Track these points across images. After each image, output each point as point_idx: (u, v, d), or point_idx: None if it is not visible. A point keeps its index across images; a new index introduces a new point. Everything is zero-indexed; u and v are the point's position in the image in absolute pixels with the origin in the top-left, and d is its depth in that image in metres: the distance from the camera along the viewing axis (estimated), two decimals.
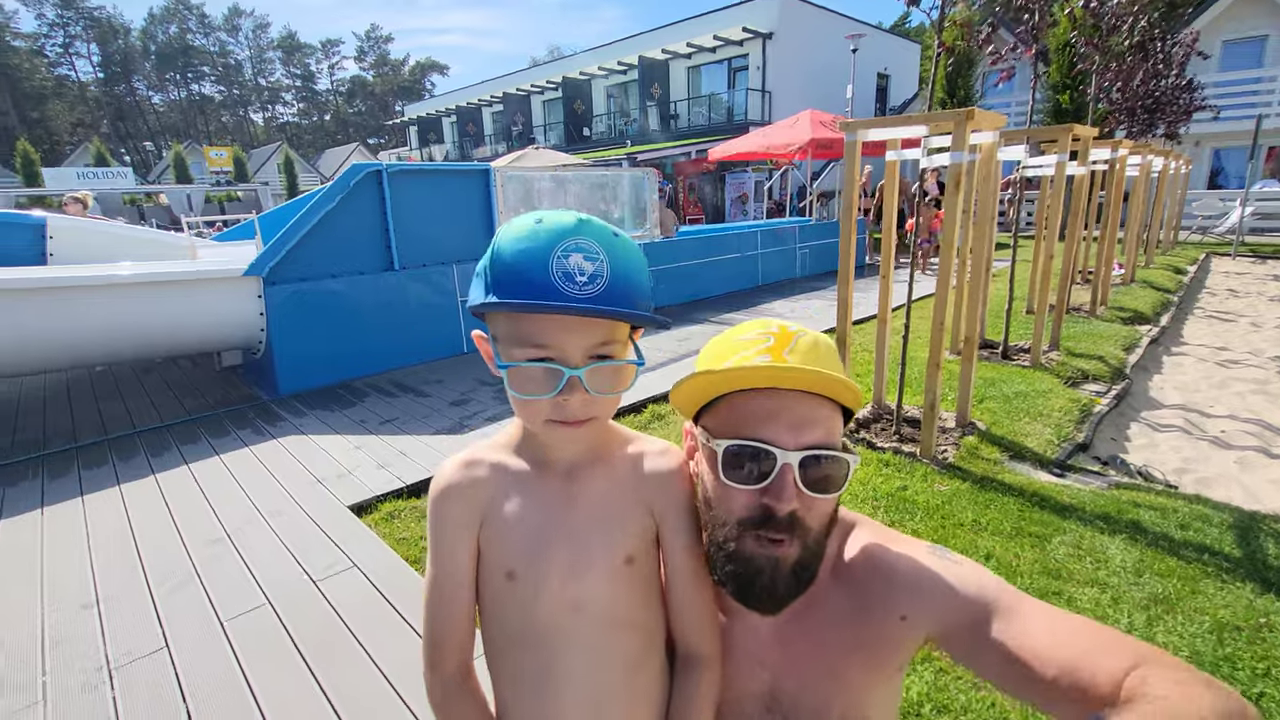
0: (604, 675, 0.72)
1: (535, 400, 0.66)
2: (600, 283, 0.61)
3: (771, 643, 0.75)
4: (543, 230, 0.62)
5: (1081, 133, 4.81)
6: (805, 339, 0.68)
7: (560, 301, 0.60)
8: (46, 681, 1.95)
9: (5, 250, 5.10)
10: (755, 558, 0.66)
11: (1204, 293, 8.92)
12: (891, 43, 23.74)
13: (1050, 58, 14.34)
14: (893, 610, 0.68)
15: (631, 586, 0.73)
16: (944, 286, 3.22)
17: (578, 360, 0.64)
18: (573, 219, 0.63)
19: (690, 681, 0.74)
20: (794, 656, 0.73)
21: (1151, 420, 4.31)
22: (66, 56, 58.72)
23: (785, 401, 0.66)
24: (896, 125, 3.29)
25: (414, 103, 41.96)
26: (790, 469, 0.64)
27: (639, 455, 0.76)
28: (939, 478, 3.11)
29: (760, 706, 0.74)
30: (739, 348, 0.68)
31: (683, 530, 0.74)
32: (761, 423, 0.65)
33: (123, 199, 21.41)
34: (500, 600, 0.74)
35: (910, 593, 0.68)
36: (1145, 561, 2.41)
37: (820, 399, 0.67)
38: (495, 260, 0.62)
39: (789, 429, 0.65)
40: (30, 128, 52.01)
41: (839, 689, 0.70)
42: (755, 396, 0.67)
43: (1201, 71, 13.28)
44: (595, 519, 0.72)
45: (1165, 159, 9.24)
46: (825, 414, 0.67)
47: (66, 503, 3.14)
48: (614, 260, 0.63)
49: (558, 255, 0.60)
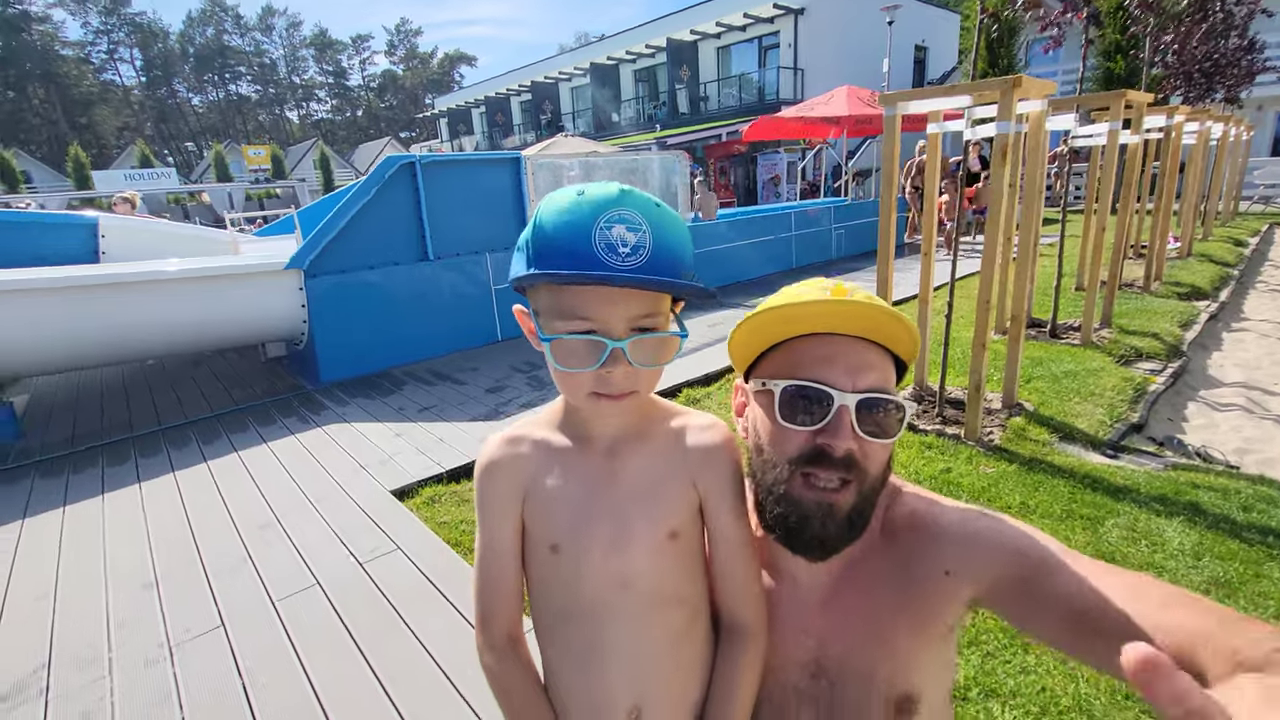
0: (649, 649, 0.72)
1: (578, 373, 0.65)
2: (643, 254, 0.60)
3: (817, 608, 0.74)
4: (585, 201, 0.61)
5: (1135, 99, 4.57)
6: (861, 292, 0.68)
7: (604, 271, 0.59)
8: (113, 658, 2.05)
9: (61, 249, 5.31)
10: (807, 503, 0.66)
11: (1267, 265, 8.46)
12: (929, 13, 22.90)
13: (1103, 21, 13.66)
14: (938, 565, 0.67)
15: (676, 561, 0.72)
16: (989, 264, 3.11)
17: (620, 332, 0.63)
18: (615, 189, 0.62)
19: (734, 652, 0.74)
20: (840, 621, 0.72)
21: (1211, 399, 4.11)
22: (111, 62, 60.81)
23: (842, 347, 0.66)
24: (939, 96, 3.17)
25: (443, 95, 42.30)
26: (847, 410, 0.64)
27: (682, 429, 0.75)
28: (984, 460, 3.02)
29: (805, 674, 0.74)
30: (797, 295, 0.68)
31: (727, 502, 0.73)
32: (819, 366, 0.66)
33: (167, 199, 22.14)
34: (546, 574, 0.74)
35: (955, 546, 0.66)
36: (1205, 544, 2.30)
37: (875, 347, 0.67)
38: (537, 232, 0.62)
39: (846, 372, 0.65)
40: (80, 133, 54.11)
41: (886, 654, 0.69)
42: (812, 342, 0.67)
43: (1266, 30, 12.50)
44: (638, 493, 0.72)
45: (1225, 125, 8.76)
46: (880, 362, 0.67)
47: (125, 489, 3.29)
48: (657, 231, 0.61)
49: (600, 226, 0.59)
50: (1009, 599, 0.62)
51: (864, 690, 0.69)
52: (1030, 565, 0.61)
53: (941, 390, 3.52)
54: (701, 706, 0.75)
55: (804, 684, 0.73)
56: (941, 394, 3.53)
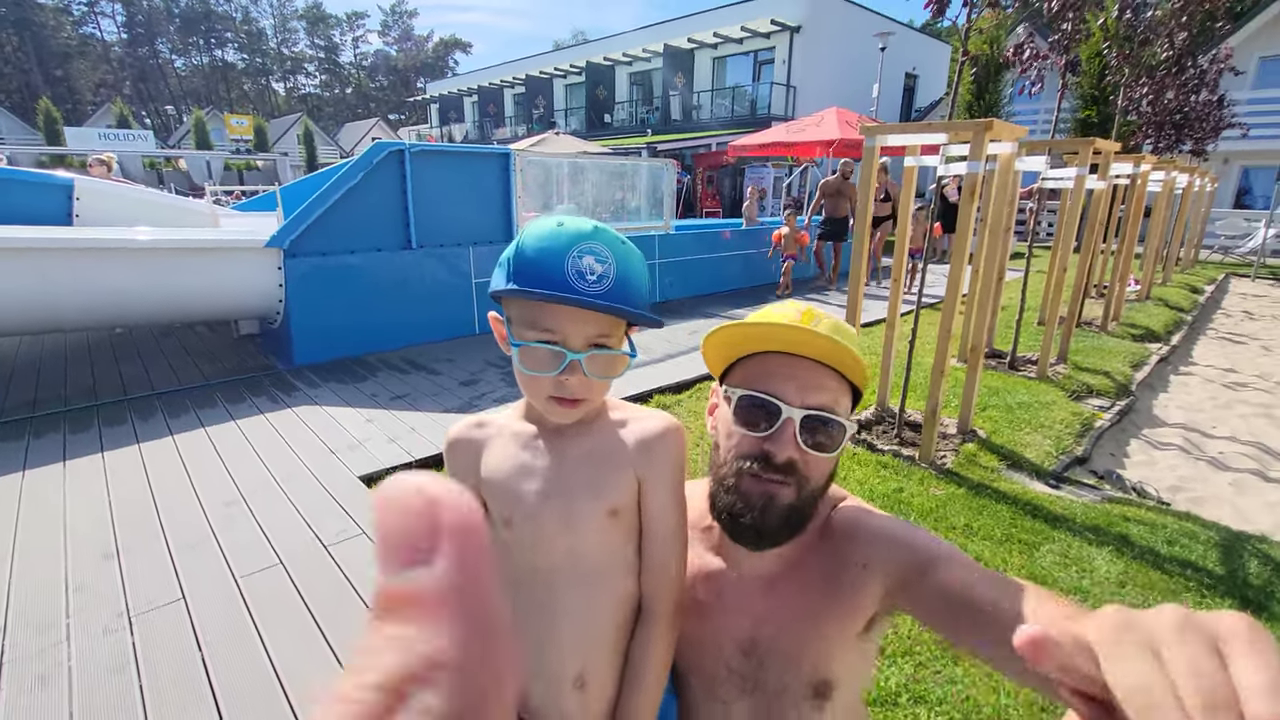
0: (596, 618, 0.81)
1: (540, 377, 0.75)
2: (607, 282, 0.71)
3: (757, 595, 0.82)
4: (563, 233, 0.72)
5: (1103, 146, 4.80)
6: (829, 320, 0.78)
7: (572, 294, 0.70)
8: (70, 623, 2.06)
9: (34, 209, 5.21)
10: (751, 493, 0.74)
11: (1219, 313, 8.87)
12: (922, 42, 23.44)
13: (1081, 68, 14.15)
14: (857, 559, 0.76)
15: (617, 537, 0.81)
16: (953, 294, 3.26)
17: (579, 346, 0.74)
18: (590, 226, 0.73)
19: (645, 633, 0.82)
20: (775, 608, 0.80)
21: (1152, 438, 4.34)
22: (92, 15, 58.91)
23: (800, 366, 0.75)
24: (916, 132, 3.31)
25: (436, 80, 41.88)
26: (792, 423, 0.73)
27: (626, 420, 0.84)
28: (935, 482, 3.17)
29: (738, 651, 0.81)
30: (770, 315, 0.78)
31: (662, 489, 0.81)
32: (776, 380, 0.75)
33: (143, 162, 21.59)
34: (503, 544, 0.83)
35: (870, 542, 0.76)
36: (1129, 573, 2.47)
37: (832, 372, 0.76)
38: (519, 253, 0.72)
39: (798, 389, 0.74)
40: (54, 86, 52.31)
41: (813, 638, 0.77)
42: (776, 359, 0.76)
43: (1235, 88, 13.08)
44: (583, 473, 0.80)
45: (1190, 176, 9.15)
46: (833, 385, 0.76)
47: (87, 458, 3.26)
48: (620, 264, 0.73)
49: (573, 255, 0.70)
50: (908, 589, 0.71)
51: (788, 671, 0.78)
52: (926, 560, 0.70)
53: (901, 412, 3.67)
54: None
55: (735, 661, 0.81)
56: (901, 416, 3.67)
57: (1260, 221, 13.53)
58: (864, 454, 3.47)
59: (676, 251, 7.78)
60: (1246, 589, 2.39)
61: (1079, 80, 14.48)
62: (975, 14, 3.42)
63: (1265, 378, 5.77)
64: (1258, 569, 2.53)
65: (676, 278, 7.83)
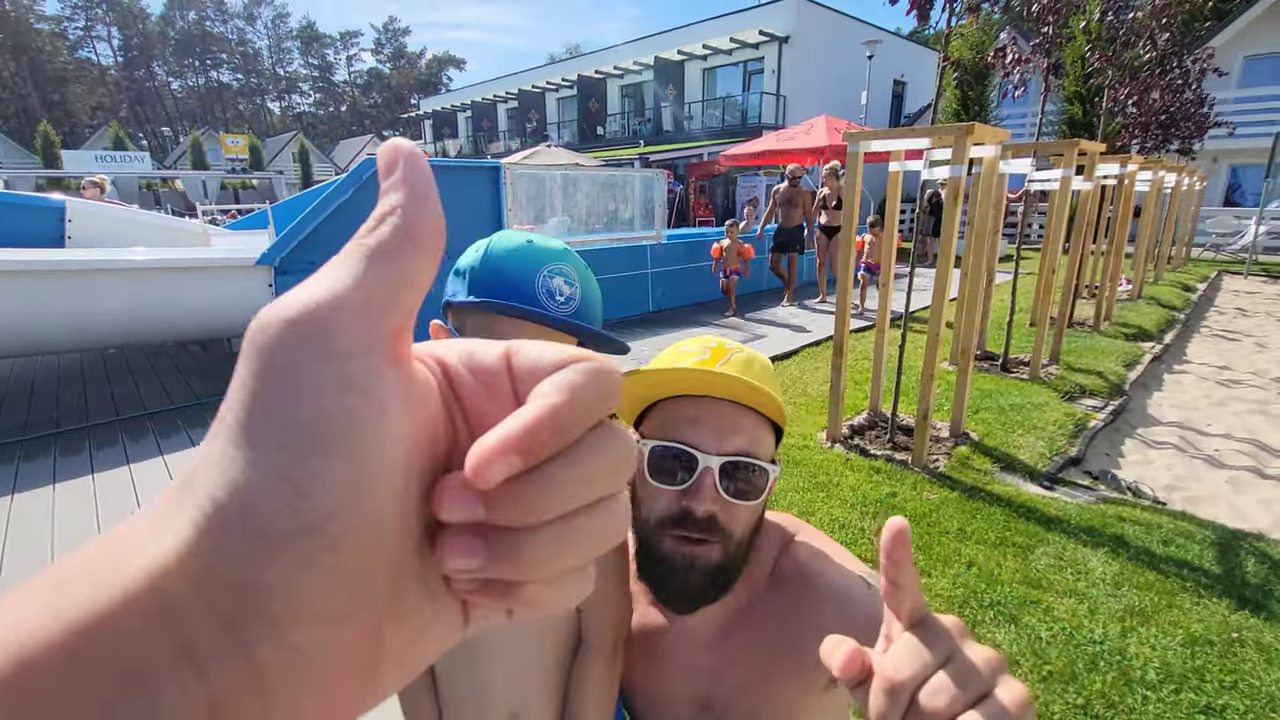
0: (531, 649, 0.78)
1: None
2: (574, 304, 0.72)
3: (706, 647, 0.77)
4: (535, 250, 0.71)
5: (1088, 148, 4.83)
6: (740, 355, 0.72)
7: (548, 313, 0.69)
8: None
9: (26, 231, 5.21)
10: (672, 556, 0.68)
11: (1212, 311, 8.89)
12: (909, 49, 23.65)
13: (1064, 70, 14.27)
14: (813, 619, 0.70)
15: None
16: (940, 298, 3.27)
17: None
18: (560, 246, 0.73)
19: (581, 667, 0.79)
20: (728, 661, 0.75)
21: (1147, 437, 4.33)
22: (88, 39, 59.43)
23: (713, 409, 0.69)
24: (899, 138, 3.33)
25: (430, 97, 42.18)
26: (711, 472, 0.67)
27: None
28: (928, 486, 3.15)
29: (695, 707, 0.76)
30: (679, 356, 0.73)
31: None
32: (688, 427, 0.68)
33: (139, 184, 21.67)
34: None
35: (834, 607, 0.70)
36: (1125, 574, 2.45)
37: (748, 411, 0.70)
38: (487, 265, 0.70)
39: (714, 435, 0.68)
40: (51, 110, 52.64)
41: (771, 699, 0.72)
42: (686, 403, 0.70)
43: (1221, 87, 13.20)
44: None
45: (1178, 175, 9.21)
46: (750, 424, 0.70)
47: (78, 480, 3.24)
48: (585, 288, 0.74)
49: (544, 275, 0.70)
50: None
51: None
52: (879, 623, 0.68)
53: (894, 417, 3.66)
54: None
55: (693, 717, 0.77)
56: (893, 420, 3.67)
57: (1250, 219, 13.60)
58: (856, 459, 3.46)
59: (669, 261, 7.79)
60: (1244, 588, 2.37)
61: (1062, 83, 14.61)
62: (958, 20, 3.45)
63: (1260, 374, 5.77)
64: (1255, 567, 2.51)
65: (669, 288, 7.84)
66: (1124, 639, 2.10)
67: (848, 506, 2.95)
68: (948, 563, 2.52)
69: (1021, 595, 2.32)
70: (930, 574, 2.45)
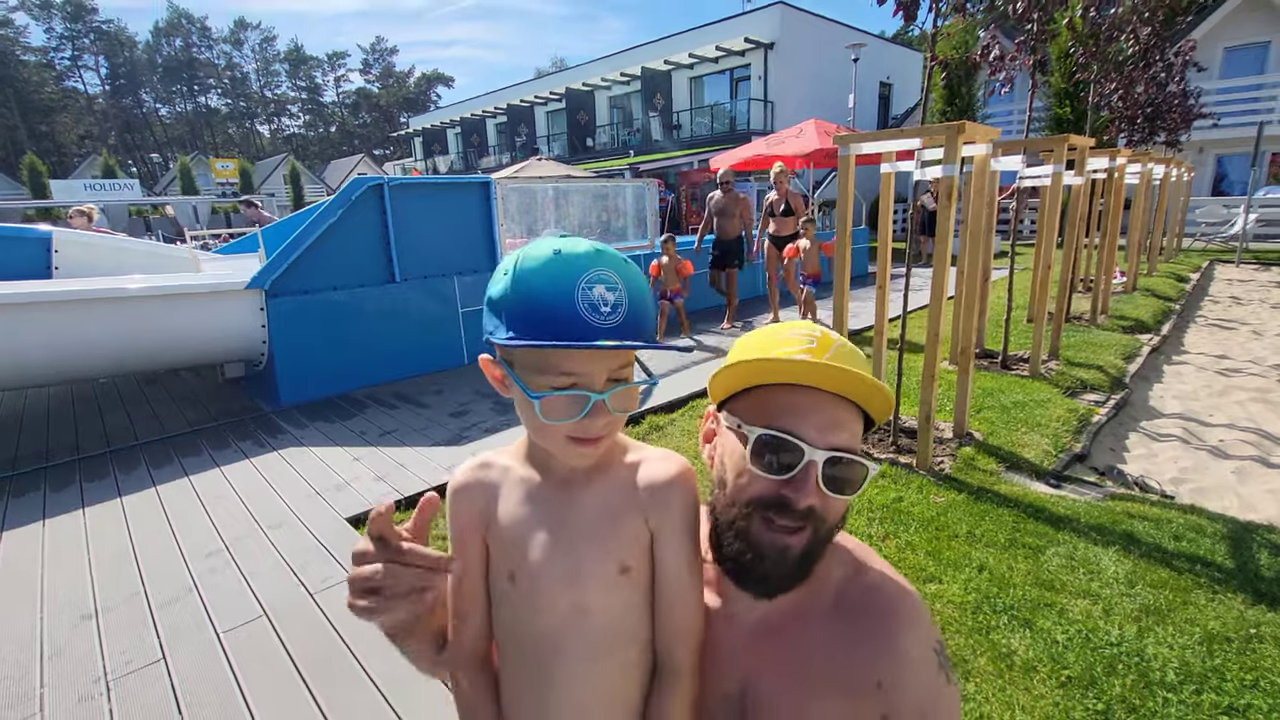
0: (599, 683, 0.73)
1: (559, 424, 0.67)
2: (621, 311, 0.63)
3: (751, 641, 0.75)
4: (564, 262, 0.63)
5: (1078, 143, 4.83)
6: (845, 347, 0.71)
7: (592, 338, 0.61)
8: (44, 693, 1.97)
9: (11, 264, 5.17)
10: (763, 543, 0.68)
11: (1206, 300, 8.90)
12: (894, 52, 23.84)
13: (1050, 67, 14.38)
14: (875, 671, 0.68)
15: (628, 596, 0.73)
16: (939, 298, 3.24)
17: (601, 385, 0.66)
18: (590, 248, 0.64)
19: (665, 694, 0.74)
20: (771, 658, 0.73)
21: (1150, 430, 4.30)
22: (75, 69, 59.53)
23: (818, 401, 0.68)
24: (890, 139, 3.31)
25: (419, 114, 42.31)
26: (815, 466, 0.67)
27: (638, 464, 0.76)
28: (935, 489, 3.11)
29: (724, 699, 0.75)
30: (781, 343, 0.71)
31: (676, 540, 0.74)
32: (793, 417, 0.68)
33: (129, 211, 21.62)
34: (503, 600, 0.76)
35: (897, 671, 0.68)
36: (1138, 573, 2.41)
37: (848, 404, 0.69)
38: (518, 292, 0.62)
39: (818, 428, 0.67)
40: (38, 140, 52.66)
41: (805, 709, 0.70)
42: (789, 392, 0.69)
43: (1204, 79, 13.30)
44: (591, 526, 0.73)
45: (1166, 167, 9.24)
46: (851, 419, 0.70)
47: (68, 515, 3.18)
48: (630, 288, 0.65)
49: (582, 287, 0.61)
50: None
51: None
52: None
53: (896, 419, 3.62)
54: None
55: (721, 710, 0.75)
56: (895, 423, 3.63)
57: (1239, 207, 13.66)
58: None
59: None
60: (1259, 582, 2.33)
61: (1048, 79, 14.71)
62: (943, 20, 3.44)
63: (1258, 362, 5.76)
64: (1269, 560, 2.47)
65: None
66: (1141, 639, 2.05)
67: (854, 513, 2.90)
68: (959, 567, 2.47)
69: (1035, 598, 2.27)
70: (942, 579, 2.40)
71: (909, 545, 2.64)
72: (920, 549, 2.61)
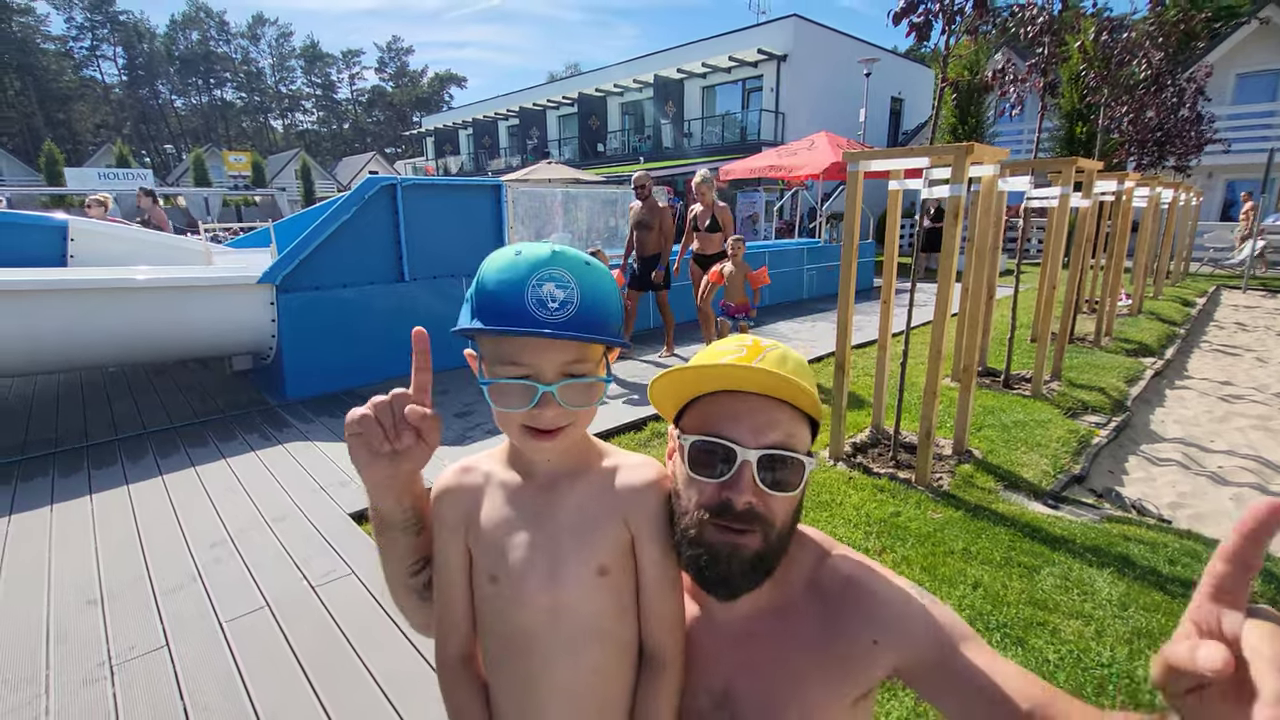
0: (583, 683, 0.76)
1: (512, 412, 0.73)
2: (571, 308, 0.68)
3: (733, 642, 0.78)
4: (521, 261, 0.69)
5: (1085, 165, 4.86)
6: (775, 352, 0.75)
7: (531, 327, 0.67)
8: (49, 675, 2.01)
9: (29, 250, 5.23)
10: (715, 545, 0.71)
11: (1211, 325, 8.89)
12: (906, 67, 23.92)
13: (1061, 89, 14.41)
14: (866, 632, 0.71)
15: (606, 596, 0.76)
16: (942, 315, 3.27)
17: (550, 377, 0.71)
18: (547, 250, 0.70)
19: (653, 682, 0.78)
20: (754, 658, 0.76)
21: (1150, 454, 4.31)
22: (93, 59, 60.10)
23: (750, 404, 0.72)
24: (898, 157, 3.35)
25: (432, 114, 42.57)
26: (749, 466, 0.70)
27: (615, 468, 0.80)
28: (932, 505, 3.13)
29: (711, 702, 0.77)
30: (718, 354, 0.75)
31: (655, 539, 0.77)
32: (727, 422, 0.72)
33: None
34: (486, 602, 0.79)
35: (888, 619, 0.71)
36: (1132, 595, 2.42)
37: (784, 405, 0.72)
38: (479, 289, 0.70)
39: (751, 430, 0.71)
40: (55, 128, 53.11)
41: (795, 699, 0.72)
42: (724, 399, 0.73)
43: (1215, 104, 13.32)
44: (571, 529, 0.76)
45: (1174, 191, 9.26)
46: (786, 418, 0.73)
47: (75, 500, 3.22)
48: (584, 287, 0.69)
49: (533, 284, 0.67)
50: (925, 675, 0.69)
51: None
52: (949, 647, 0.68)
53: (896, 435, 3.65)
54: None
55: (708, 711, 0.78)
56: (896, 438, 3.65)
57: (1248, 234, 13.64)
58: (860, 477, 3.44)
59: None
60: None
61: (1058, 101, 14.74)
62: (955, 40, 3.49)
63: (1261, 389, 5.76)
64: (1262, 588, 2.49)
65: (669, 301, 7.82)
66: (1132, 662, 2.07)
67: (851, 526, 2.93)
68: (953, 583, 2.49)
69: (1028, 617, 2.30)
70: (936, 595, 2.42)
71: (905, 560, 2.66)
72: (916, 564, 2.63)
